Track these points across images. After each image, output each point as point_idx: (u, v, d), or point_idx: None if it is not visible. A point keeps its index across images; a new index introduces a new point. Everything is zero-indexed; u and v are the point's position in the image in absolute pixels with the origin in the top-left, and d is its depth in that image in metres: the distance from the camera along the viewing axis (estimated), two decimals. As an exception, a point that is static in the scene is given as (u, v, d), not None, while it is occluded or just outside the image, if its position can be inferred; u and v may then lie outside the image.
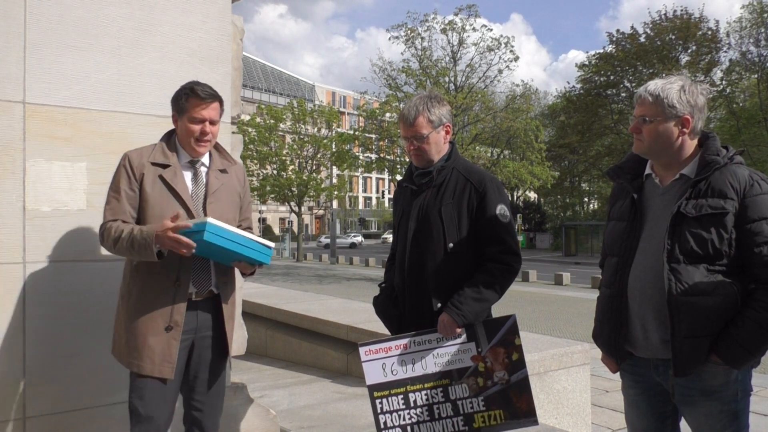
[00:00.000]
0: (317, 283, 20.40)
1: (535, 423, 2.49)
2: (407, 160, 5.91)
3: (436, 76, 25.79)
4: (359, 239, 59.71)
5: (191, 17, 3.18)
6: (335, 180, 42.22)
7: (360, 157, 33.44)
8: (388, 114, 26.83)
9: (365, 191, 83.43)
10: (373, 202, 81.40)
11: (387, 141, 27.77)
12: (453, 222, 2.51)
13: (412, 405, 2.50)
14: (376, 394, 2.51)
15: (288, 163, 33.38)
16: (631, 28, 33.30)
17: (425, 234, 2.55)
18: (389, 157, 28.58)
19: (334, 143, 33.16)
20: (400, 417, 2.49)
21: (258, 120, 33.46)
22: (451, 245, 2.50)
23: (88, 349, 2.85)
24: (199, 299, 2.45)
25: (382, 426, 2.50)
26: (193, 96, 2.41)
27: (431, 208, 2.55)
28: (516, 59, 26.39)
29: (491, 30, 26.54)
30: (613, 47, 33.61)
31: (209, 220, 2.21)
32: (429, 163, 2.61)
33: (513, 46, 26.30)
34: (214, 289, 2.48)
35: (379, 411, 2.50)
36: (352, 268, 29.46)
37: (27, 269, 2.75)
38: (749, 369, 2.06)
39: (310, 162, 34.34)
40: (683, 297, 1.96)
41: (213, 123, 2.46)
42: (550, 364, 4.41)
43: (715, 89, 29.08)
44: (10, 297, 2.72)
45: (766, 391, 5.91)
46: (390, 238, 8.90)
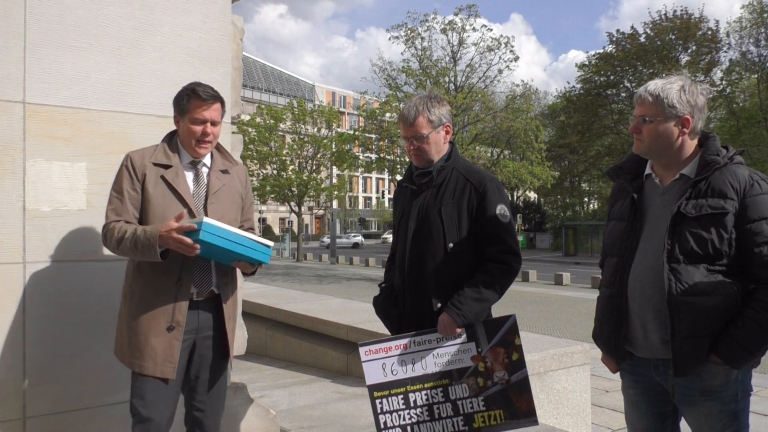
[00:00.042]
0: (317, 283, 20.39)
1: (535, 423, 2.49)
2: (407, 160, 5.90)
3: (436, 76, 25.79)
4: (360, 239, 59.69)
5: (191, 17, 3.18)
6: (335, 180, 42.22)
7: (360, 157, 33.44)
8: (388, 114, 26.83)
9: (365, 191, 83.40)
10: (373, 202, 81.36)
11: (387, 141, 27.77)
12: (453, 222, 2.51)
13: (412, 405, 2.50)
14: (376, 394, 2.51)
15: (288, 163, 33.36)
16: (631, 28, 33.33)
17: (425, 234, 2.55)
18: (389, 157, 28.58)
19: (334, 143, 33.15)
20: (400, 417, 2.49)
21: (258, 120, 33.44)
22: (451, 245, 2.50)
23: (88, 349, 2.85)
24: (200, 299, 2.45)
25: (382, 426, 2.50)
26: (195, 97, 2.41)
27: (431, 208, 2.55)
28: (516, 59, 26.43)
29: (491, 30, 26.57)
30: (613, 47, 33.59)
31: (205, 219, 2.21)
32: (429, 163, 2.61)
33: (513, 46, 26.35)
34: (214, 289, 2.48)
35: (379, 411, 2.50)
36: (352, 268, 29.45)
37: (27, 269, 2.75)
38: (749, 369, 2.06)
39: (310, 162, 34.32)
40: (683, 297, 1.96)
41: (214, 124, 2.46)
42: (550, 364, 4.41)
43: (715, 89, 29.05)
44: (10, 297, 2.72)
45: (766, 391, 5.91)
46: (390, 238, 8.91)
